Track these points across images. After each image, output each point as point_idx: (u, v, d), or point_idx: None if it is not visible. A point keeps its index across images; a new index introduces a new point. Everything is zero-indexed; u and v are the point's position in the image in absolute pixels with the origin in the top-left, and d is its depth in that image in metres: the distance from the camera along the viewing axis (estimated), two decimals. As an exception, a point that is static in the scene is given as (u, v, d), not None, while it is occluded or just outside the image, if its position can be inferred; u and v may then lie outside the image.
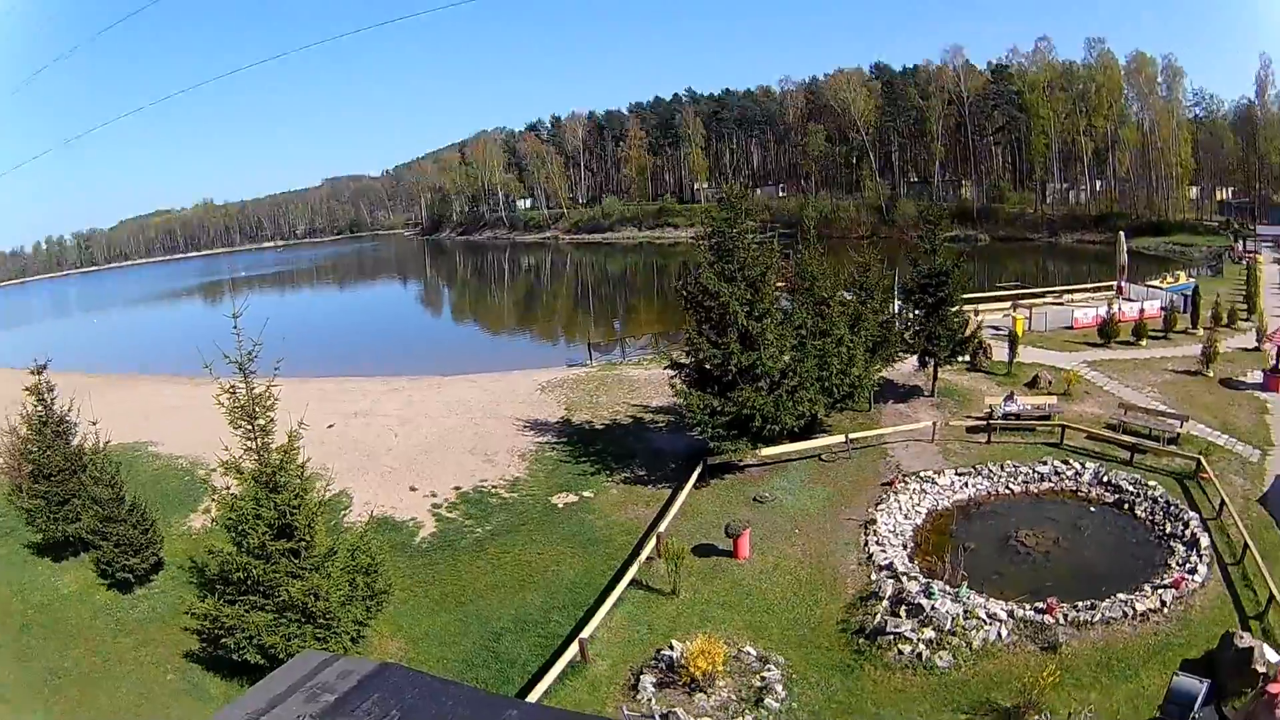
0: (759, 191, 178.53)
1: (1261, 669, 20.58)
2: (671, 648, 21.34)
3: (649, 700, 19.68)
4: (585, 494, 32.12)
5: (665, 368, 34.99)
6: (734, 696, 20.18)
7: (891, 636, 21.87)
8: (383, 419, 42.22)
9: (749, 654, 21.73)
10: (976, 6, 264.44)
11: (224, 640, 20.30)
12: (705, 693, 19.98)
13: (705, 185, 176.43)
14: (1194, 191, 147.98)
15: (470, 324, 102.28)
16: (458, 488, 33.31)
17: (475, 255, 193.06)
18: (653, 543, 26.43)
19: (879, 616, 22.63)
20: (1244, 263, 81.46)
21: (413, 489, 33.33)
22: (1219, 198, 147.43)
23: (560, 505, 31.48)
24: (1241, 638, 21.29)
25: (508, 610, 24.92)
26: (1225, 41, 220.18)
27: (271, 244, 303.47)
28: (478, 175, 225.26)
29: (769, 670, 20.98)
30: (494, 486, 33.34)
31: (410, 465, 35.56)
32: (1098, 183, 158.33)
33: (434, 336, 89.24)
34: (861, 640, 22.21)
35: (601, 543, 28.50)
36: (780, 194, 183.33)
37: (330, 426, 40.05)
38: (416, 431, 39.80)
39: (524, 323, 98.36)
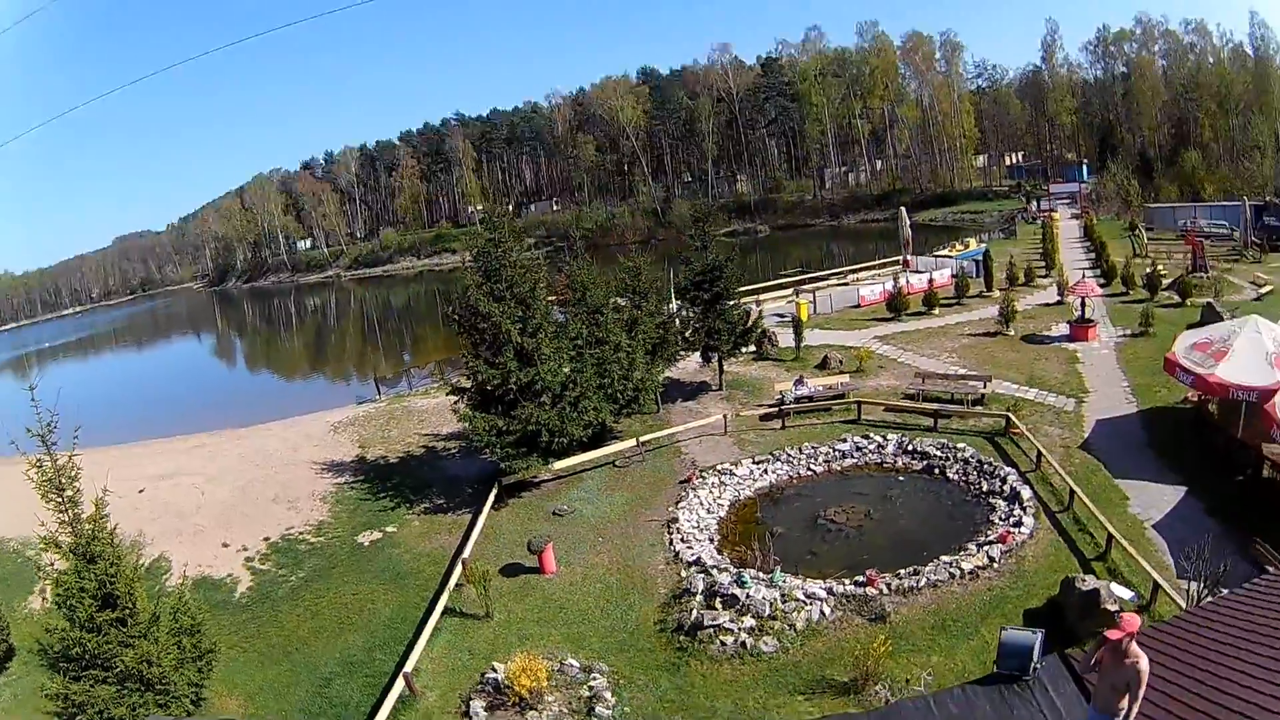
0: (533, 208, 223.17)
1: (1113, 607, 23.57)
2: (494, 670, 24.54)
3: (483, 725, 23.25)
4: (389, 529, 36.94)
5: (447, 394, 41.03)
6: (565, 710, 23.00)
7: (711, 629, 25.08)
8: (189, 478, 48.07)
9: (572, 666, 24.78)
10: (743, 4, 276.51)
11: (78, 717, 22.36)
12: (536, 710, 22.79)
13: (479, 207, 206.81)
14: (981, 160, 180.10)
15: (263, 371, 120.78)
16: (267, 538, 37.90)
17: (262, 302, 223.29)
18: (459, 569, 30.65)
19: (695, 612, 26.09)
20: (1039, 222, 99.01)
21: (225, 545, 37.72)
22: (1008, 163, 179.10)
23: (366, 544, 36.04)
24: (1084, 580, 24.55)
25: (333, 654, 28.24)
26: (1010, 13, 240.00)
27: (70, 310, 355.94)
28: (258, 220, 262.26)
29: (595, 679, 24.02)
30: (301, 533, 38.08)
31: (220, 521, 40.73)
32: (878, 162, 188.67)
33: (230, 388, 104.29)
34: (682, 637, 25.49)
35: (411, 575, 32.74)
36: (555, 208, 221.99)
37: (141, 491, 45.61)
38: (222, 487, 45.82)
39: (315, 365, 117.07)
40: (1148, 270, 62.54)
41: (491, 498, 36.42)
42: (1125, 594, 24.87)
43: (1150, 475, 32.58)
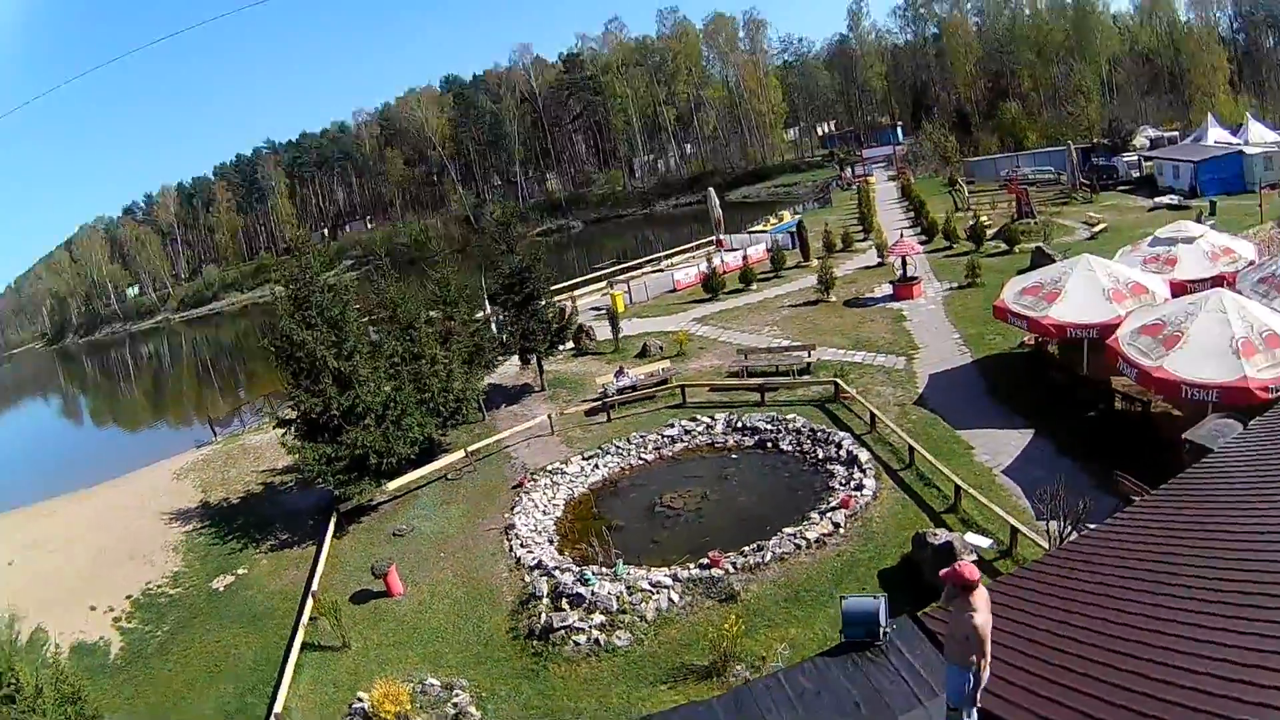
0: (348, 228, 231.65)
1: (970, 557, 24.58)
2: (360, 700, 24.97)
3: (358, 758, 24.62)
4: (240, 571, 37.62)
5: (274, 427, 42.65)
6: None
7: (563, 631, 26.07)
8: (50, 544, 48.07)
9: (433, 685, 25.41)
10: (542, 4, 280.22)
11: (-20, 802, 23.67)
12: None
13: (298, 234, 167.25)
14: (793, 133, 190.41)
15: (109, 426, 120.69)
16: (130, 596, 38.05)
17: (99, 355, 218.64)
18: (310, 603, 31.51)
19: (543, 615, 27.05)
20: (854, 188, 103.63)
21: (92, 608, 37.69)
22: (821, 133, 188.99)
23: (221, 589, 36.63)
24: (936, 535, 25.73)
25: (208, 704, 28.76)
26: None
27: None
28: (86, 272, 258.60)
29: (457, 695, 24.77)
30: (159, 586, 38.46)
31: (86, 585, 40.47)
32: (687, 146, 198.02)
33: (80, 446, 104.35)
34: (536, 642, 26.46)
35: (267, 615, 33.39)
36: (369, 226, 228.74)
37: (11, 563, 46.11)
38: (82, 549, 45.71)
39: (155, 413, 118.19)
40: (970, 223, 65.85)
41: (331, 526, 37.62)
42: (982, 542, 26.04)
43: (994, 422, 34.30)
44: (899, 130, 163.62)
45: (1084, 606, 14.68)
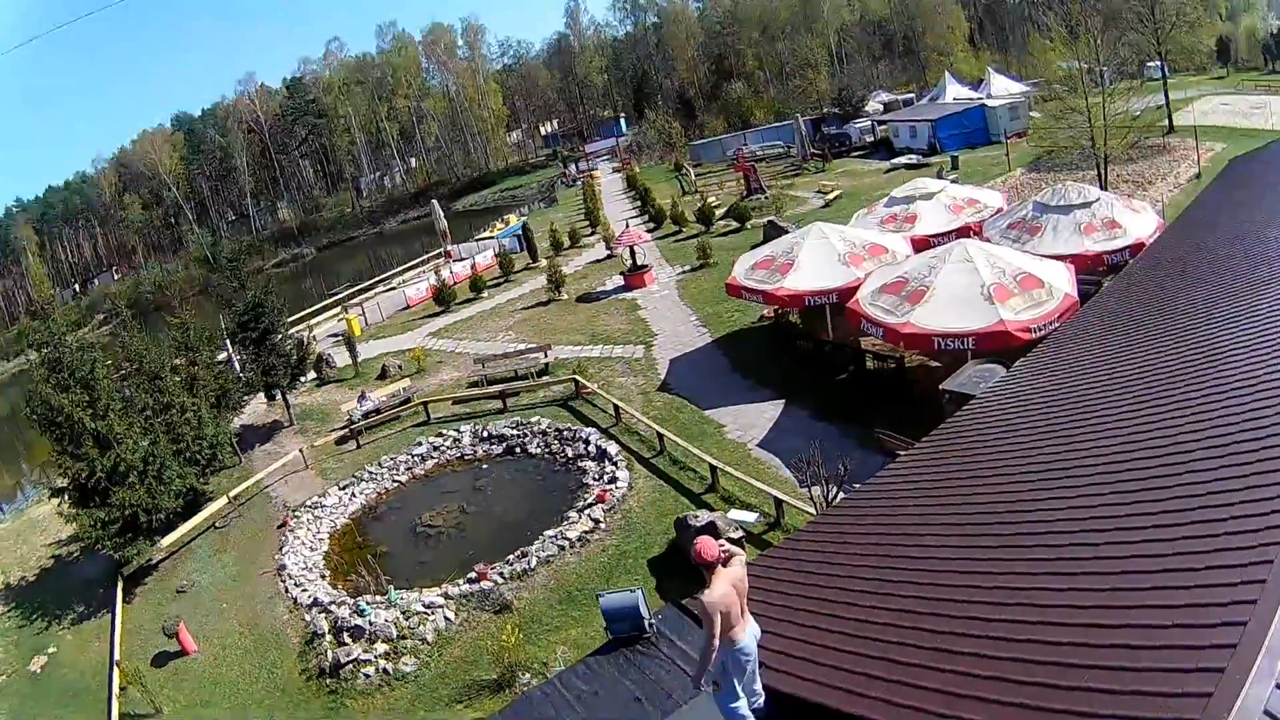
0: (97, 281, 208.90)
1: (735, 534, 24.79)
2: None
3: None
4: (51, 650, 34.99)
5: (49, 497, 41.22)
6: None
7: (350, 665, 25.79)
8: None
9: None
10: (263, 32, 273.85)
11: None
12: None
13: (41, 296, 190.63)
14: (515, 135, 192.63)
15: None
16: None
17: None
18: (117, 674, 30.03)
19: (329, 653, 26.66)
20: (578, 185, 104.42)
21: None
22: (544, 132, 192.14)
23: (39, 670, 34.14)
24: (697, 516, 26.00)
25: None
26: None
27: None
28: None
29: None
30: None
31: None
32: (411, 160, 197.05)
33: None
34: (329, 680, 25.98)
35: (84, 692, 31.36)
36: (116, 277, 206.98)
37: None
38: None
39: None
40: (698, 205, 67.17)
41: (119, 592, 35.96)
42: (748, 517, 26.35)
43: (742, 398, 34.97)
44: (622, 122, 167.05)
45: (857, 567, 14.64)
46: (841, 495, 24.33)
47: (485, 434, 38.37)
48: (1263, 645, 7.81)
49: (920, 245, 37.93)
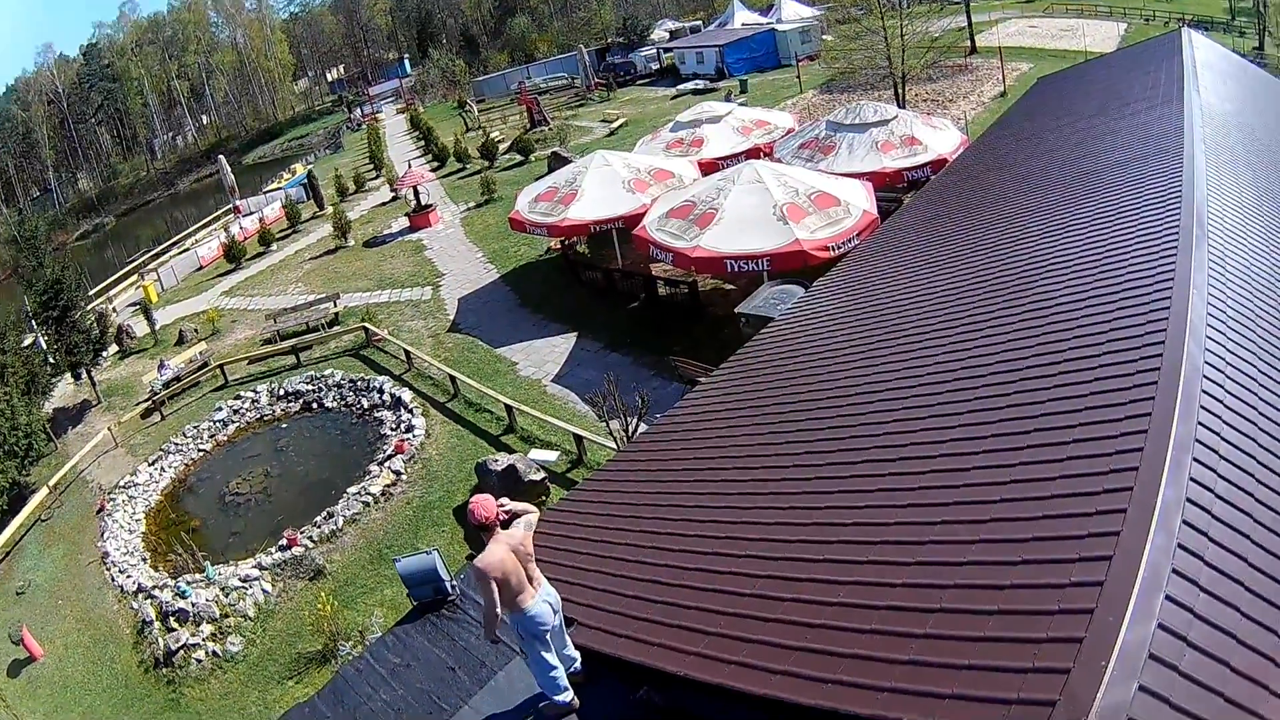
0: None
1: (538, 476, 24.41)
2: None
3: None
4: None
5: None
6: None
7: (181, 652, 24.12)
8: None
9: None
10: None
11: None
12: None
13: None
14: (303, 84, 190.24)
15: None
16: None
17: None
18: None
19: (159, 641, 24.90)
20: (363, 128, 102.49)
21: None
22: (330, 79, 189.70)
23: None
24: (496, 460, 25.17)
25: None
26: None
27: None
28: None
29: None
30: None
31: None
32: (203, 118, 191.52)
33: None
34: (164, 670, 24.24)
35: None
36: None
37: None
38: None
39: None
40: (482, 141, 65.49)
41: None
42: (549, 457, 25.66)
43: (533, 334, 34.29)
44: (406, 63, 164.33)
45: (665, 506, 13.61)
46: (642, 427, 23.65)
47: (281, 392, 36.76)
48: (1135, 581, 6.88)
49: (708, 168, 37.36)
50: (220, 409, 37.07)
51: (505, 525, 10.69)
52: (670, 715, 9.80)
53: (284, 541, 26.46)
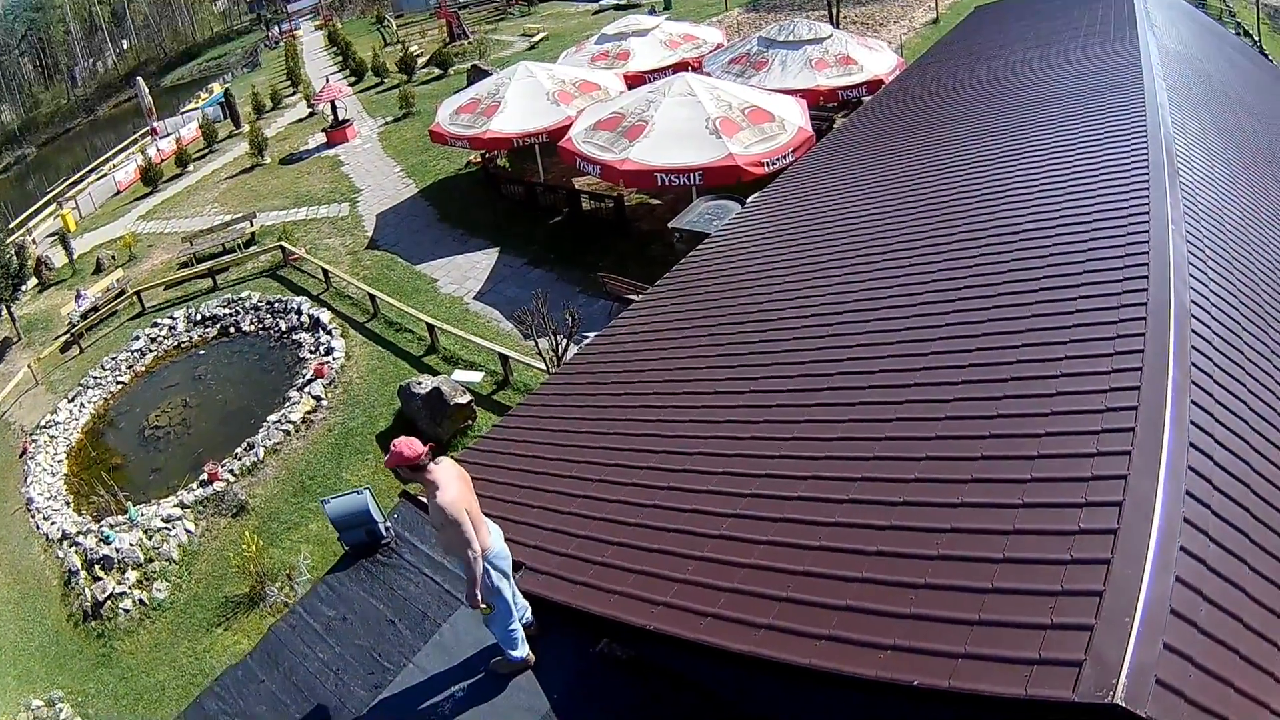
0: None
1: (464, 399, 23.57)
2: None
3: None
4: None
5: None
6: None
7: (109, 602, 22.91)
8: None
9: (38, 706, 21.50)
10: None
11: None
12: None
13: None
14: (221, 3, 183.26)
15: None
16: None
17: None
18: None
19: (86, 591, 23.60)
20: (281, 45, 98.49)
21: None
22: None
23: None
24: (420, 383, 24.14)
25: None
26: None
27: None
28: None
29: (61, 711, 21.16)
30: None
31: None
32: (123, 42, 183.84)
33: None
34: (94, 623, 22.97)
35: None
36: None
37: None
38: None
39: None
40: (400, 55, 63.36)
41: None
42: (472, 377, 24.67)
43: (453, 249, 33.02)
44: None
45: (609, 433, 12.55)
46: (572, 347, 22.72)
47: (198, 317, 34.98)
48: (1151, 530, 6.26)
49: (635, 82, 36.14)
50: (138, 338, 35.34)
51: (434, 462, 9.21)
52: (634, 668, 8.94)
53: (204, 476, 25.19)
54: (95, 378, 34.49)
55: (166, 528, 24.08)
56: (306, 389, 27.23)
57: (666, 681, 8.75)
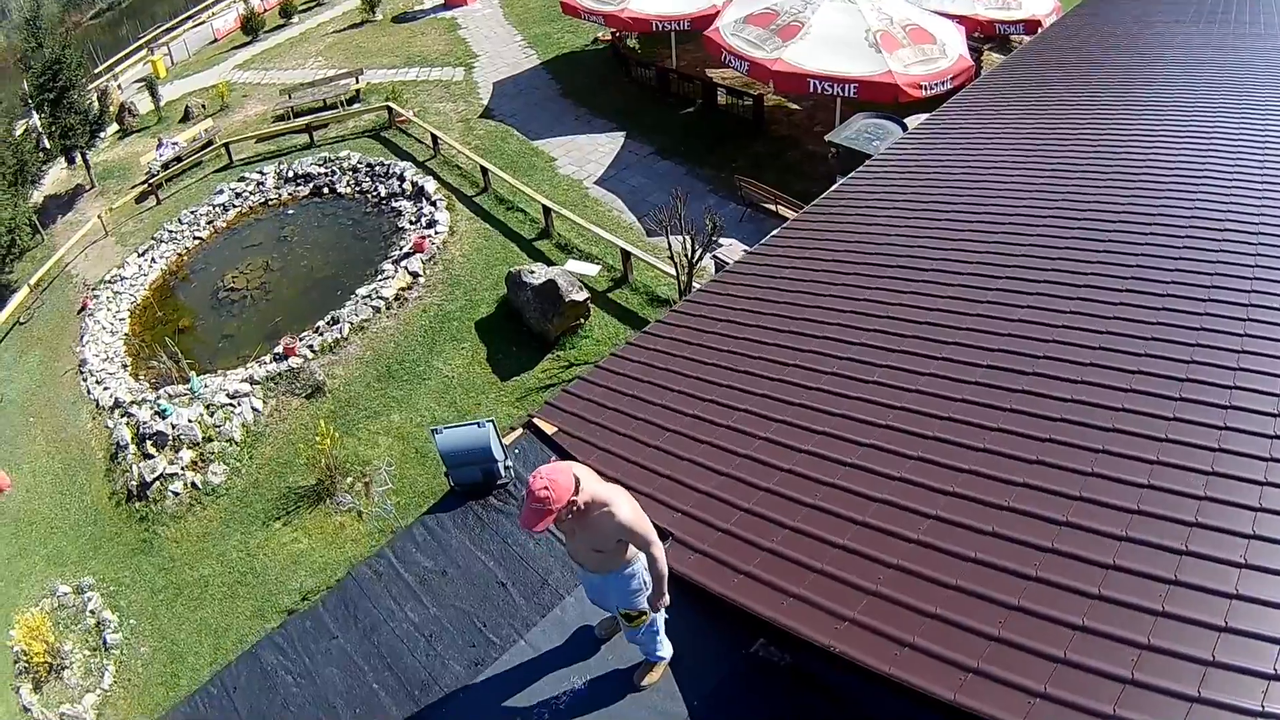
0: None
1: (580, 296, 21.07)
2: (10, 640, 19.47)
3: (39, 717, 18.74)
4: None
5: None
6: (86, 652, 19.05)
7: (157, 483, 21.16)
8: None
9: (65, 593, 20.28)
10: None
11: None
12: (69, 667, 18.79)
13: None
14: None
15: None
16: None
17: None
18: None
19: (134, 469, 21.81)
20: None
21: None
22: None
23: None
24: (533, 272, 21.57)
25: None
26: None
27: None
28: None
29: (90, 599, 19.95)
30: None
31: None
32: None
33: None
34: (138, 505, 21.22)
35: None
36: None
37: None
38: None
39: None
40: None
41: None
42: (587, 270, 22.32)
43: (575, 129, 30.53)
44: None
45: (773, 371, 10.11)
46: (703, 253, 19.99)
47: (290, 174, 32.49)
48: None
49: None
50: (221, 191, 32.99)
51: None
52: (793, 677, 7.08)
53: (280, 349, 23.16)
54: (170, 231, 32.43)
55: (231, 404, 22.12)
56: (403, 263, 24.95)
57: (822, 696, 6.97)
